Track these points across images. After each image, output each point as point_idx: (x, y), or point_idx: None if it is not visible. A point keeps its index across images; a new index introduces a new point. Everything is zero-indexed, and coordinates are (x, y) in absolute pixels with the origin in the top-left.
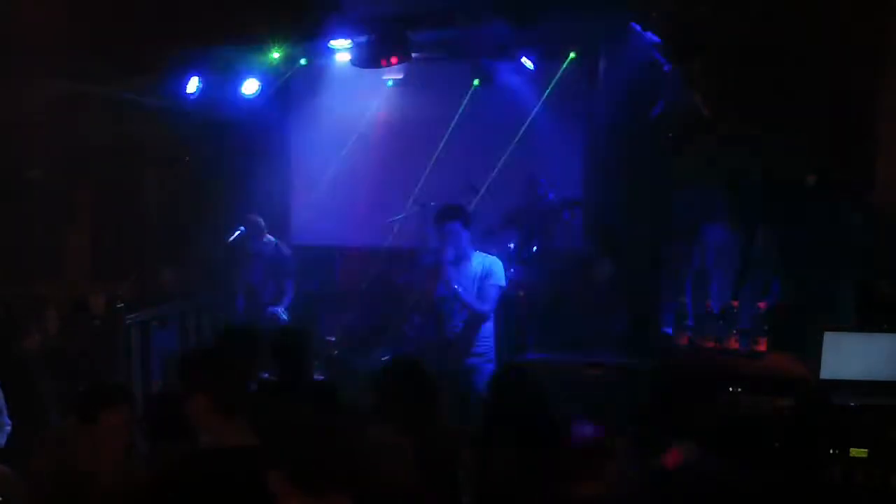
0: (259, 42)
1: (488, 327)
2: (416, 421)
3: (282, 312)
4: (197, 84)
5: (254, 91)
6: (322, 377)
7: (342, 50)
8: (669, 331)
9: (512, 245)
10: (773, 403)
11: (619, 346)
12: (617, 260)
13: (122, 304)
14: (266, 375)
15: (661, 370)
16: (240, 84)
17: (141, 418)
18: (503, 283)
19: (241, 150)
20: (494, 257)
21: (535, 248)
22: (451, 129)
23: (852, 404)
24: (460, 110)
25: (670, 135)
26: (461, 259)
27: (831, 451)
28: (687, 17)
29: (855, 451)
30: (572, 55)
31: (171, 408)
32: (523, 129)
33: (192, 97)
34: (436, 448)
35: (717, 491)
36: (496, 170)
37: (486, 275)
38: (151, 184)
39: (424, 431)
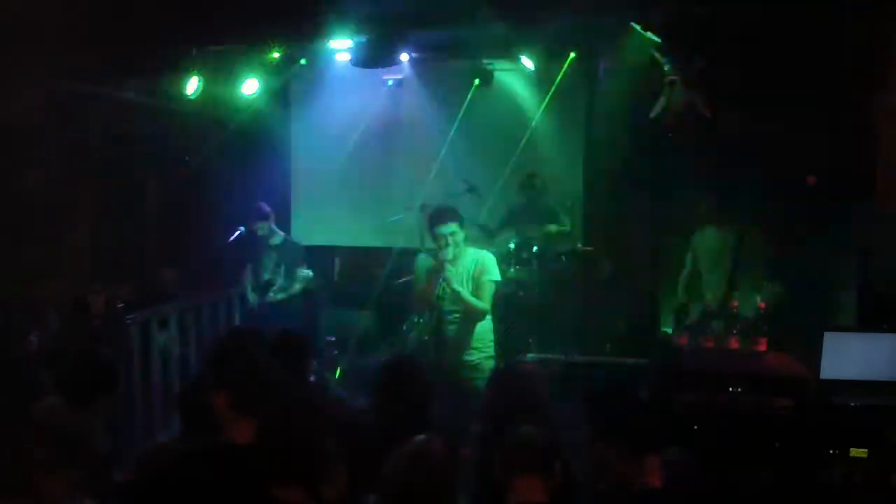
0: (259, 42)
1: (486, 324)
2: (415, 420)
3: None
4: (197, 84)
5: (254, 91)
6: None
7: (342, 50)
8: (669, 331)
9: (512, 245)
10: (773, 403)
11: (619, 346)
12: (617, 260)
13: (122, 304)
14: None
15: (661, 370)
16: (240, 84)
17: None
18: (498, 277)
19: (241, 151)
20: (486, 252)
21: (535, 248)
22: (451, 129)
23: (852, 404)
24: (460, 110)
25: (670, 135)
26: (457, 258)
27: (831, 451)
28: (687, 17)
29: (855, 451)
30: (572, 55)
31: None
32: (523, 129)
33: (192, 97)
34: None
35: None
36: (496, 169)
37: (481, 271)
38: (151, 184)
39: (423, 431)
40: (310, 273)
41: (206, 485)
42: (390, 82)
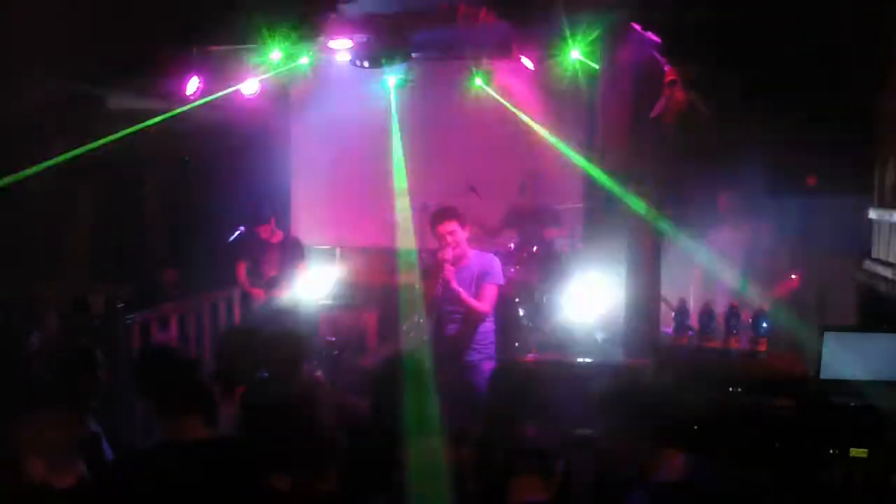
0: (259, 42)
1: (488, 326)
2: (415, 421)
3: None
4: (197, 84)
5: (254, 91)
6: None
7: (342, 50)
8: (669, 331)
9: (512, 245)
10: (773, 403)
11: (619, 346)
12: (617, 260)
13: (122, 304)
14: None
15: (661, 370)
16: (240, 84)
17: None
18: (501, 281)
19: (241, 151)
20: (492, 255)
21: (535, 248)
22: (451, 129)
23: (852, 404)
24: (460, 110)
25: (670, 135)
26: (459, 258)
27: (831, 451)
28: (687, 17)
29: (855, 451)
30: (572, 55)
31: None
32: (523, 129)
33: (192, 97)
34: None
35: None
36: (496, 170)
37: (484, 273)
38: (151, 184)
39: (423, 431)
40: (337, 271)
41: (198, 477)
42: (390, 82)
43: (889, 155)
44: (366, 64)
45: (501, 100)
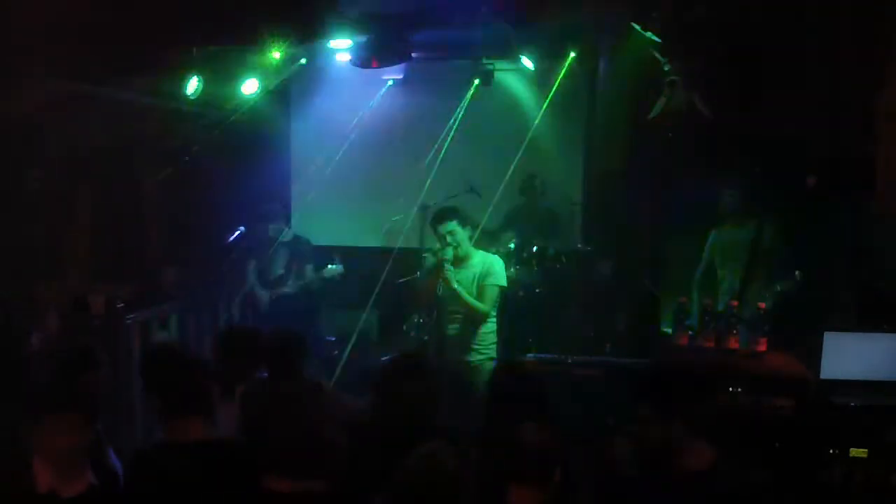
0: (259, 42)
1: (489, 327)
2: (415, 421)
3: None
4: (197, 84)
5: (254, 91)
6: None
7: (342, 50)
8: (669, 331)
9: (512, 245)
10: (773, 403)
11: (619, 346)
12: (617, 260)
13: (122, 304)
14: (265, 374)
15: (661, 370)
16: (240, 84)
17: None
18: (503, 282)
19: (241, 151)
20: (495, 256)
21: (534, 248)
22: (451, 129)
23: (852, 404)
24: (460, 110)
25: (670, 135)
26: (461, 259)
27: (831, 451)
28: (686, 17)
29: (855, 451)
30: (572, 55)
31: None
32: (523, 129)
33: (192, 97)
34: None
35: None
36: (496, 170)
37: (486, 274)
38: (151, 184)
39: (424, 431)
40: (340, 268)
41: (198, 477)
42: (390, 82)
43: (889, 154)
44: (366, 64)
45: (501, 100)
